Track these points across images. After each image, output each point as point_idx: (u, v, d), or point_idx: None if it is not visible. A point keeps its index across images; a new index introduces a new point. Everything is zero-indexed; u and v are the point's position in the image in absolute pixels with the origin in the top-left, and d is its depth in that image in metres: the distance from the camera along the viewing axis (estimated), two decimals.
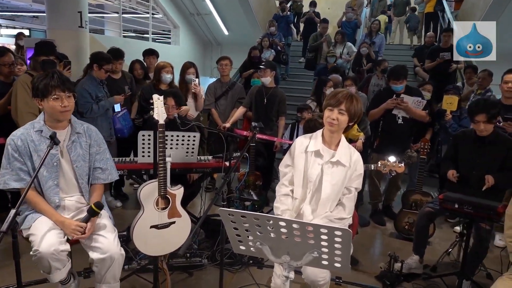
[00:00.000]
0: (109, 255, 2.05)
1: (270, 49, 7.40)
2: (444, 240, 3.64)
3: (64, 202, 2.16)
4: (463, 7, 9.15)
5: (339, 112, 1.99)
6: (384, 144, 3.88)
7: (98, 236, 2.10)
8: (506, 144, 2.86)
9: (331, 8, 11.77)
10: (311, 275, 1.98)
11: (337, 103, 1.99)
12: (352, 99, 2.01)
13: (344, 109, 1.99)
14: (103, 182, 2.27)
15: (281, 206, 2.13)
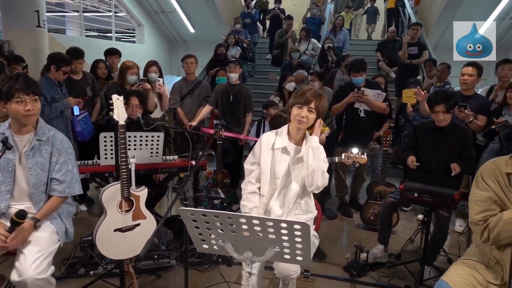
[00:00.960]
0: (22, 280, 1.82)
1: (236, 47, 7.39)
2: (408, 229, 3.77)
3: (11, 209, 2.04)
4: (422, 3, 9.47)
5: (309, 110, 2.01)
6: (347, 137, 3.97)
7: (21, 253, 1.90)
8: (463, 134, 2.97)
9: (296, 5, 11.88)
10: (284, 270, 2.00)
11: (307, 102, 2.00)
12: (320, 97, 2.04)
13: (314, 108, 2.01)
14: (58, 195, 2.09)
15: (248, 204, 2.13)
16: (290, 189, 2.08)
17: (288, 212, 2.12)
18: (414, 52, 6.28)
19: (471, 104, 3.44)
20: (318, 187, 2.04)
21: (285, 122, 3.20)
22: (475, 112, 3.42)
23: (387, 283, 2.86)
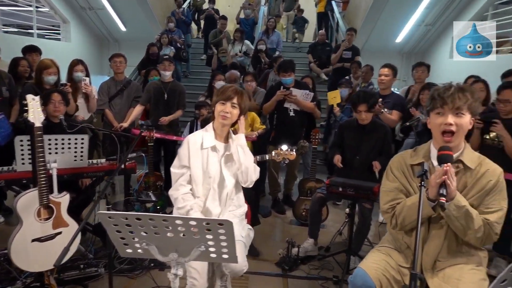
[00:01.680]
0: None
1: (169, 46, 7.24)
2: (337, 222, 3.96)
3: None
4: (349, 9, 10.02)
5: (232, 106, 2.07)
6: (278, 136, 4.08)
7: None
8: (382, 131, 3.20)
9: (231, 6, 11.93)
10: (235, 267, 2.01)
11: (229, 98, 2.06)
12: (242, 93, 2.10)
13: (236, 103, 2.07)
14: None
15: (187, 202, 2.06)
16: (224, 186, 2.12)
17: (224, 209, 2.14)
18: (348, 56, 6.64)
19: (387, 102, 3.73)
20: (252, 181, 2.15)
21: None
22: (390, 109, 3.72)
23: (317, 275, 2.98)
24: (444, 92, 1.64)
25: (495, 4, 7.71)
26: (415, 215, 1.47)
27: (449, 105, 1.62)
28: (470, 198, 1.66)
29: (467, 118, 1.65)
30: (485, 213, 1.64)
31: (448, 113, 1.63)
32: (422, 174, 1.50)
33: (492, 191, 1.65)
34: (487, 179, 1.65)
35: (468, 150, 1.72)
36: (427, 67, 4.39)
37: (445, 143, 1.65)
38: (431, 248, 1.73)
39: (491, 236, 1.64)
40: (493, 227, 1.62)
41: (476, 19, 8.14)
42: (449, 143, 1.65)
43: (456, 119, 1.63)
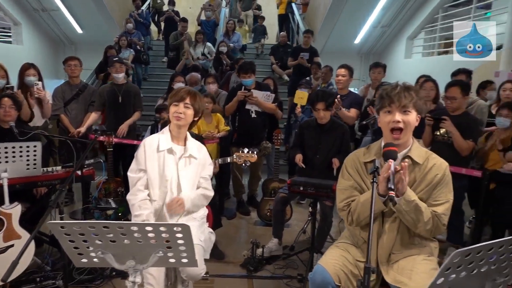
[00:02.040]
0: None
1: (128, 49, 7.08)
2: (301, 221, 4.01)
3: None
4: (308, 11, 10.21)
5: (185, 107, 2.07)
6: (241, 137, 4.09)
7: None
8: (341, 129, 3.29)
9: (192, 8, 11.84)
10: (192, 271, 1.99)
11: (181, 98, 2.07)
12: (195, 94, 2.11)
13: (189, 103, 2.07)
14: None
15: (144, 211, 2.04)
16: (182, 189, 2.10)
17: (183, 212, 2.11)
18: (306, 57, 6.76)
19: (345, 101, 3.85)
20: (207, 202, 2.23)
21: None
22: (348, 107, 3.84)
23: (282, 274, 3.01)
24: (391, 91, 1.71)
25: (444, 7, 8.12)
26: (368, 211, 1.52)
27: (396, 103, 1.69)
28: (419, 192, 1.74)
29: (413, 115, 1.72)
30: (433, 205, 1.73)
31: (395, 111, 1.70)
32: (374, 171, 1.56)
33: (439, 184, 1.73)
34: (434, 173, 1.74)
35: (415, 146, 1.80)
36: (383, 67, 4.54)
37: (394, 140, 1.72)
38: (385, 242, 1.80)
39: (440, 227, 1.73)
40: (441, 219, 1.71)
41: (427, 21, 8.56)
42: (397, 140, 1.72)
43: (403, 117, 1.70)
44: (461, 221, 3.36)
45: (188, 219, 2.10)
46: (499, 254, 1.24)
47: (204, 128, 4.08)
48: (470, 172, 3.15)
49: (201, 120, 4.11)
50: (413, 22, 8.86)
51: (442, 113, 3.24)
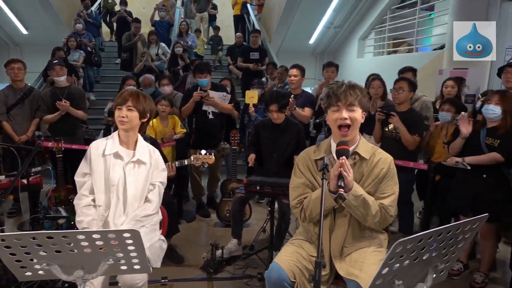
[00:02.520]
0: None
1: (78, 50, 6.80)
2: (261, 220, 4.04)
3: None
4: (263, 12, 10.32)
5: (128, 109, 2.01)
6: (199, 139, 4.06)
7: None
8: (296, 128, 3.35)
9: (145, 8, 11.55)
10: (129, 280, 1.93)
11: (124, 101, 2.01)
12: (138, 95, 2.05)
13: (132, 106, 2.01)
14: None
15: (85, 218, 1.99)
16: (128, 195, 2.03)
17: (128, 218, 2.04)
18: (256, 57, 6.81)
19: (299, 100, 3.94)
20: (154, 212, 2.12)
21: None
22: (301, 106, 3.92)
23: (242, 274, 3.01)
24: (337, 90, 1.78)
25: (392, 8, 8.50)
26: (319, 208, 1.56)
27: (342, 101, 1.76)
28: (367, 186, 1.82)
29: (359, 112, 1.80)
30: (380, 198, 1.81)
31: (342, 108, 1.77)
32: (323, 168, 1.60)
33: (385, 178, 1.82)
34: (380, 167, 1.82)
35: (362, 142, 1.88)
36: (336, 67, 4.68)
37: (342, 137, 1.78)
38: (337, 236, 1.85)
39: (387, 219, 1.81)
40: (388, 210, 1.79)
41: (377, 22, 8.93)
42: (345, 136, 1.78)
43: (349, 114, 1.77)
44: (411, 213, 3.53)
45: (135, 224, 2.02)
46: (438, 241, 1.32)
47: (161, 130, 4.01)
48: (417, 165, 3.32)
49: (157, 123, 4.04)
50: (364, 23, 9.22)
51: (390, 109, 3.39)
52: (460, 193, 2.86)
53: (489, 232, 2.80)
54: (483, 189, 2.73)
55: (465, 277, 3.00)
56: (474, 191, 2.76)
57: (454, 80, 3.98)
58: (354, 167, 1.82)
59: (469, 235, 1.41)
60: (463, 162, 2.74)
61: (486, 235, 2.83)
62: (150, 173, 2.11)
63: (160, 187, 2.14)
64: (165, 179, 2.20)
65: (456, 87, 3.90)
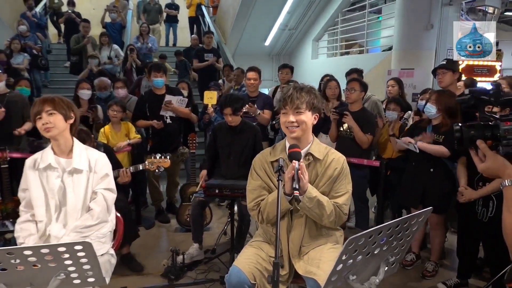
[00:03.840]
0: None
1: (22, 53, 6.42)
2: (222, 223, 4.03)
3: None
4: (218, 13, 10.30)
5: (49, 114, 1.89)
6: (157, 145, 3.97)
7: None
8: (252, 130, 3.37)
9: (96, 9, 11.12)
10: None
11: (41, 108, 1.88)
12: (53, 98, 1.92)
13: (52, 109, 1.89)
14: None
15: (21, 233, 1.90)
16: (68, 205, 1.94)
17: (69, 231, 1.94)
18: (210, 57, 6.79)
19: (257, 103, 3.97)
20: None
21: (87, 137, 2.98)
22: (261, 109, 3.96)
23: (204, 279, 2.99)
24: (285, 94, 1.82)
25: (343, 11, 8.79)
26: None
27: (289, 105, 1.80)
28: (321, 186, 1.87)
29: (307, 114, 1.83)
30: (335, 197, 1.87)
31: (289, 112, 1.81)
32: (279, 170, 1.63)
33: (338, 177, 1.88)
34: (333, 167, 1.87)
35: (316, 143, 1.93)
36: (291, 68, 4.78)
37: (290, 134, 1.83)
38: (295, 236, 1.89)
39: (342, 217, 1.87)
40: (342, 209, 1.86)
41: (329, 25, 9.19)
42: (293, 133, 1.82)
43: (297, 117, 1.81)
44: (366, 208, 3.67)
45: (76, 235, 1.91)
46: (388, 236, 1.39)
47: (114, 136, 3.88)
48: (370, 162, 3.46)
49: (109, 130, 3.90)
50: (317, 25, 9.46)
51: (344, 109, 3.51)
52: (410, 187, 3.02)
53: (438, 223, 2.98)
54: (430, 182, 2.89)
55: (417, 266, 3.17)
56: (423, 185, 2.92)
57: (394, 80, 4.22)
58: (309, 167, 1.86)
59: (416, 227, 1.50)
60: (415, 144, 2.89)
61: (436, 226, 3.00)
62: (91, 180, 1.99)
63: (104, 195, 2.01)
64: (111, 184, 2.08)
65: (396, 86, 4.13)
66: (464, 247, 2.80)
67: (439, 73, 3.24)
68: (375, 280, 1.40)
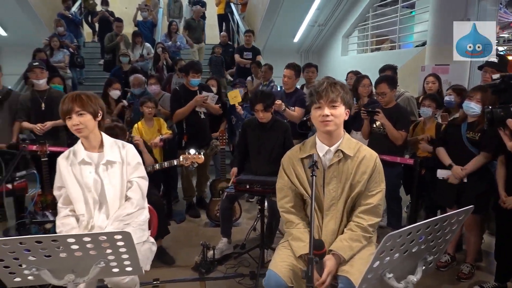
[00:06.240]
0: None
1: (63, 50, 6.67)
2: (251, 219, 4.05)
3: None
4: (248, 10, 10.31)
5: (79, 115, 1.93)
6: (191, 140, 4.01)
7: None
8: (283, 127, 3.36)
9: (128, 8, 11.42)
10: (121, 283, 1.91)
11: (70, 109, 1.92)
12: (81, 97, 1.95)
13: (81, 110, 1.93)
14: None
15: (63, 228, 1.97)
16: (108, 197, 2.01)
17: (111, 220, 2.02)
18: (249, 56, 6.83)
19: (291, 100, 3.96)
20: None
21: (121, 132, 3.07)
22: (293, 106, 3.94)
23: (234, 273, 3.02)
24: (318, 88, 1.79)
25: (374, 6, 8.60)
26: None
27: (324, 98, 1.77)
28: (355, 184, 1.84)
29: (341, 109, 1.81)
30: (369, 197, 1.84)
31: (324, 106, 1.78)
32: (313, 165, 1.62)
33: (372, 175, 1.84)
34: (366, 164, 1.84)
35: (346, 139, 1.89)
36: (315, 67, 4.75)
37: (324, 128, 1.80)
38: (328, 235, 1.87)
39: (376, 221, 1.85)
40: (377, 209, 1.84)
41: (360, 20, 9.01)
42: (327, 127, 1.79)
43: (331, 111, 1.78)
44: (399, 207, 3.59)
45: (118, 224, 1.99)
46: (426, 234, 1.35)
47: (147, 132, 3.98)
48: (404, 160, 3.37)
49: (142, 125, 3.99)
50: (347, 21, 9.30)
51: (375, 106, 3.43)
52: (445, 186, 2.93)
53: (474, 223, 2.87)
54: (467, 181, 2.79)
55: (452, 268, 3.07)
56: (459, 184, 2.82)
57: (434, 76, 4.07)
58: (338, 164, 1.84)
59: (456, 226, 1.45)
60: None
61: (471, 227, 2.90)
62: (124, 171, 2.05)
63: (139, 183, 2.08)
64: (143, 172, 2.14)
65: (437, 83, 3.98)
66: (503, 250, 2.69)
67: (486, 71, 3.10)
68: (413, 279, 1.36)
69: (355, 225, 1.83)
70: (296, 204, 1.96)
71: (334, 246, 1.80)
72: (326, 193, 1.86)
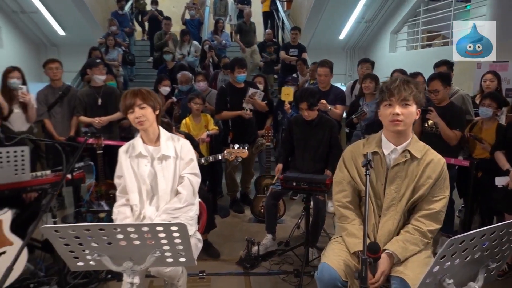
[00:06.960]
0: None
1: (117, 48, 7.00)
2: (295, 217, 4.04)
3: None
4: (293, 7, 10.24)
5: (141, 108, 2.01)
6: (237, 136, 4.06)
7: None
8: (329, 125, 3.31)
9: (175, 7, 11.72)
10: (174, 272, 2.01)
11: (133, 102, 2.00)
12: (141, 91, 2.04)
13: (142, 103, 2.01)
14: None
15: (118, 216, 2.07)
16: (159, 190, 2.07)
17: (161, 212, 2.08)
18: (295, 53, 6.80)
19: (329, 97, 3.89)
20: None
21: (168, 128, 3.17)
22: (332, 104, 3.87)
23: (278, 270, 3.03)
24: (390, 85, 1.72)
25: (426, 1, 8.23)
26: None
27: (396, 96, 1.70)
28: (420, 185, 1.78)
29: (413, 108, 1.73)
30: (432, 202, 1.77)
31: (395, 104, 1.71)
32: (367, 164, 1.58)
33: (438, 180, 1.77)
34: (432, 169, 1.77)
35: (414, 140, 1.83)
36: (372, 63, 4.56)
37: (394, 127, 1.73)
38: (383, 235, 1.82)
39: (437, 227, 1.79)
40: (439, 215, 1.77)
41: (410, 16, 8.66)
42: (397, 126, 1.73)
43: (403, 109, 1.71)
44: (452, 211, 3.42)
45: (166, 216, 2.04)
46: (491, 240, 1.28)
47: (194, 127, 4.08)
48: (459, 162, 3.21)
49: (190, 121, 4.10)
50: (396, 17, 8.97)
51: (429, 104, 3.29)
52: (505, 190, 2.75)
53: None
54: None
55: (510, 277, 2.89)
56: None
57: (493, 74, 3.82)
58: (405, 165, 1.78)
59: None
60: None
61: None
62: (178, 166, 2.11)
63: (190, 179, 2.12)
64: (196, 169, 2.18)
65: (495, 81, 3.75)
66: None
67: None
68: (474, 286, 1.30)
69: (413, 228, 1.77)
70: (353, 200, 1.91)
71: (389, 246, 1.75)
72: (387, 192, 1.81)
